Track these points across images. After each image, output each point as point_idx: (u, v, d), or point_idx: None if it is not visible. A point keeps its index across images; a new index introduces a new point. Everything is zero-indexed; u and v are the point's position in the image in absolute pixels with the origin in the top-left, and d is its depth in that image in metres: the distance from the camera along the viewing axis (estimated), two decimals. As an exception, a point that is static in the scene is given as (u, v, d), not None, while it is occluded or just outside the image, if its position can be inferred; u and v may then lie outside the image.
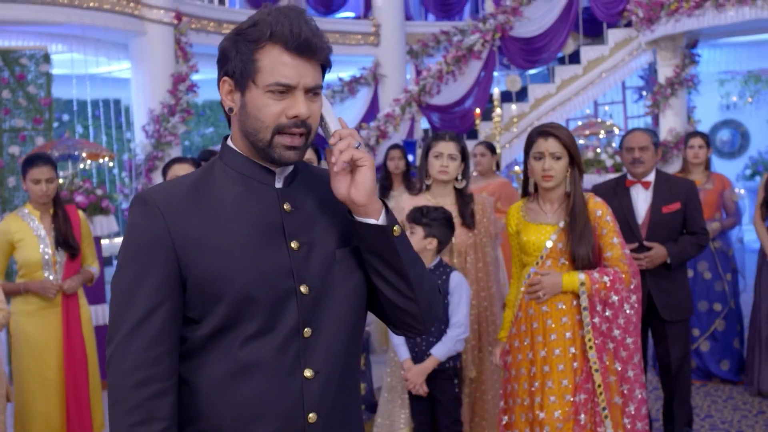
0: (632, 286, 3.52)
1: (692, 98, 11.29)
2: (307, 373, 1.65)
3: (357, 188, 1.64)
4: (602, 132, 10.67)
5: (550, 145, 3.43)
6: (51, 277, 4.62)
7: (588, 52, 11.62)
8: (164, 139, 8.85)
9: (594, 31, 11.99)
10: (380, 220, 1.67)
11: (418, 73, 11.97)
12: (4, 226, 4.60)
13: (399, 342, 3.84)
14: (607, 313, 3.42)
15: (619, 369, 3.45)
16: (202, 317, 1.64)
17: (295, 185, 1.74)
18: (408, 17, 12.61)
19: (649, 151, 4.59)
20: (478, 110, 9.94)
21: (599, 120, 11.34)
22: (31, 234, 4.57)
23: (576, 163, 3.46)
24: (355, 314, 1.75)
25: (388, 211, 1.69)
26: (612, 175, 10.49)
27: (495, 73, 11.48)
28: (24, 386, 4.56)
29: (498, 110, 9.26)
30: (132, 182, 9.04)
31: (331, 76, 11.81)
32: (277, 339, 1.63)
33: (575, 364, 3.39)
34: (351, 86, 11.59)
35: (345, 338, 1.72)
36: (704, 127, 10.90)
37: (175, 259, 1.62)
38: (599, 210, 3.52)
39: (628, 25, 11.33)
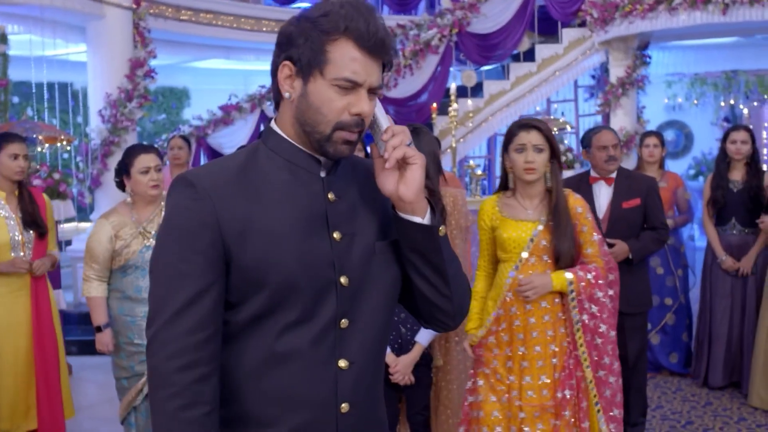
0: (610, 280, 3.59)
1: (640, 98, 11.55)
2: (342, 363, 1.66)
3: (407, 186, 1.62)
4: (555, 129, 10.86)
5: (532, 137, 3.40)
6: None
7: (542, 50, 11.79)
8: (121, 124, 8.74)
9: (549, 30, 12.17)
10: (426, 219, 1.67)
11: (375, 65, 12.01)
12: None
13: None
14: (593, 310, 3.44)
15: (608, 362, 3.50)
16: (241, 302, 1.63)
17: (338, 174, 1.72)
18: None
19: (618, 148, 4.76)
20: (434, 104, 10.04)
21: (552, 117, 11.52)
22: None
23: (556, 157, 3.46)
24: (389, 307, 1.76)
25: (433, 210, 1.69)
26: (565, 172, 10.70)
27: (451, 68, 11.58)
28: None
29: (454, 105, 9.37)
30: (87, 167, 8.92)
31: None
32: (314, 329, 1.64)
33: (554, 360, 3.42)
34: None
35: (378, 330, 1.74)
36: (651, 126, 11.15)
37: (221, 244, 1.60)
38: (579, 206, 3.52)
39: (582, 24, 11.53)
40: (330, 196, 1.68)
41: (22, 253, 4.59)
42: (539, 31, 12.17)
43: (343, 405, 1.67)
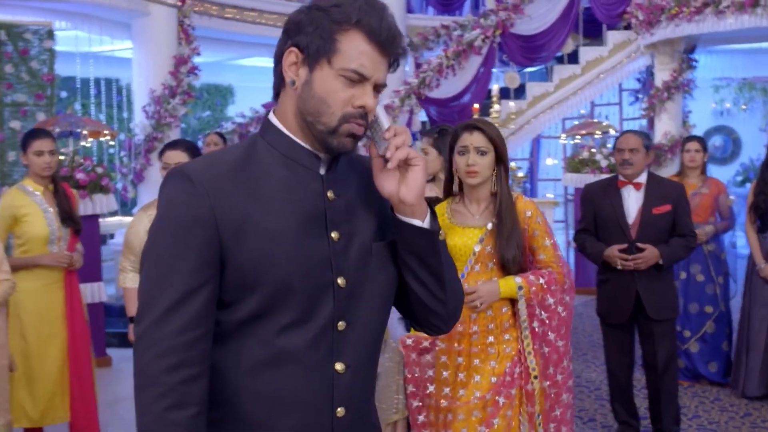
0: (566, 287, 3.37)
1: (687, 103, 11.39)
2: (339, 366, 1.62)
3: (408, 188, 1.59)
4: (598, 132, 10.75)
5: (475, 138, 3.21)
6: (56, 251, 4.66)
7: (587, 53, 11.69)
8: (164, 120, 8.85)
9: (593, 32, 12.05)
10: (426, 223, 1.63)
11: (418, 66, 12.01)
12: (9, 201, 4.58)
13: (394, 322, 3.81)
14: (543, 316, 3.27)
15: (552, 373, 3.32)
16: (236, 302, 1.58)
17: (337, 171, 1.68)
18: (409, 10, 12.64)
19: (639, 153, 4.71)
20: (476, 105, 9.99)
21: (595, 120, 11.41)
22: (37, 209, 4.58)
23: (502, 160, 3.26)
24: (385, 309, 1.73)
25: (433, 214, 1.66)
26: (606, 176, 10.60)
27: (494, 70, 11.53)
28: (27, 362, 4.57)
29: (496, 106, 9.32)
30: (131, 162, 9.04)
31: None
32: (310, 331, 1.59)
33: (493, 363, 3.25)
34: (349, 75, 11.62)
35: (374, 333, 1.71)
36: (698, 132, 10.99)
37: (217, 241, 1.54)
38: (528, 210, 3.33)
39: (628, 27, 11.41)
40: (329, 194, 1.63)
41: (57, 248, 4.66)
42: (584, 33, 12.06)
43: (339, 409, 1.63)
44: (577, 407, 5.84)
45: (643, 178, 4.77)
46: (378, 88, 1.61)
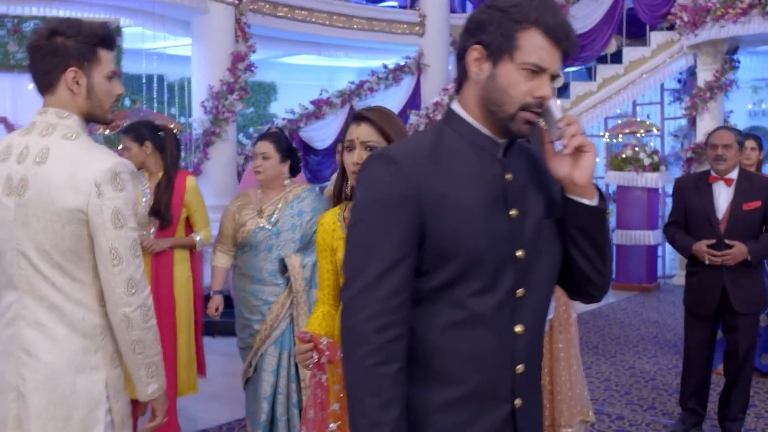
0: None
1: (725, 103, 11.50)
2: (518, 328, 1.81)
3: (581, 171, 1.78)
4: (641, 131, 10.91)
5: (362, 131, 2.65)
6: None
7: (630, 53, 11.84)
8: (222, 115, 9.12)
9: (636, 33, 12.20)
10: (594, 201, 1.81)
11: (461, 64, 12.19)
12: None
13: None
14: None
15: None
16: (432, 271, 1.76)
17: (511, 156, 1.85)
18: (452, 9, 12.84)
19: (732, 149, 4.80)
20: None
21: (638, 119, 11.56)
22: (138, 194, 4.81)
23: None
24: (553, 279, 1.92)
25: (600, 193, 1.84)
26: (650, 174, 10.75)
27: (538, 69, 11.69)
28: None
29: (542, 105, 9.49)
30: (189, 156, 9.30)
31: (376, 63, 12.11)
32: (495, 297, 1.77)
33: None
34: (395, 74, 11.83)
35: (546, 299, 1.90)
36: (737, 132, 11.11)
37: (419, 217, 1.73)
38: None
39: (671, 28, 11.54)
40: (507, 176, 1.81)
41: (144, 232, 4.86)
42: (627, 33, 12.21)
43: (518, 366, 1.82)
44: (635, 396, 6.04)
45: (734, 174, 4.86)
46: (553, 79, 1.82)
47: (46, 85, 2.51)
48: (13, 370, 2.48)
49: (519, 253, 1.80)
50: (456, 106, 1.88)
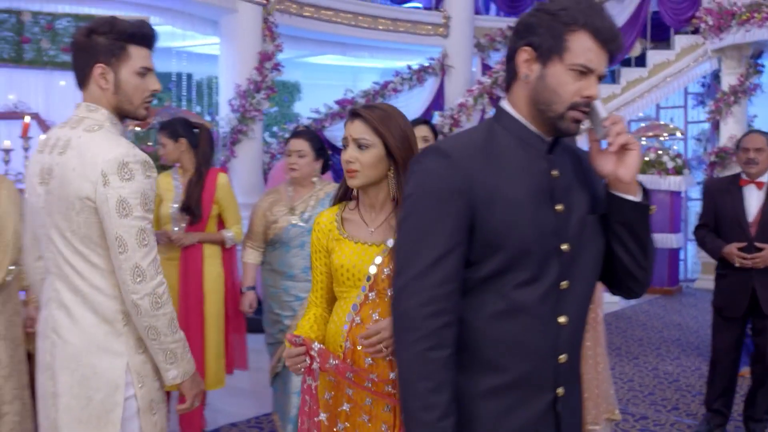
0: None
1: (749, 107, 11.49)
2: (562, 319, 1.88)
3: (626, 168, 1.85)
4: (665, 134, 10.92)
5: (355, 128, 2.55)
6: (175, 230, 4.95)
7: (654, 56, 11.85)
8: (249, 114, 9.22)
9: (661, 36, 12.21)
10: (638, 198, 1.89)
11: (485, 66, 12.26)
12: (157, 182, 4.92)
13: None
14: None
15: None
16: (481, 261, 1.83)
17: (557, 154, 1.93)
18: (476, 11, 12.89)
19: (764, 152, 4.84)
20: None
21: (662, 123, 11.57)
22: (172, 190, 4.92)
23: (394, 156, 2.53)
24: (596, 272, 1.98)
25: (645, 190, 1.91)
26: (673, 178, 10.77)
27: (562, 71, 11.73)
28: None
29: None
30: (216, 153, 9.39)
31: (399, 64, 12.18)
32: (540, 288, 1.84)
33: (387, 409, 2.51)
34: (419, 75, 11.89)
35: (588, 292, 1.96)
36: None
37: (470, 209, 1.80)
38: None
39: (695, 31, 11.55)
40: (554, 172, 1.89)
41: (176, 228, 4.95)
42: (652, 37, 12.22)
43: (561, 356, 1.89)
44: (659, 396, 6.08)
45: (766, 177, 4.89)
46: (599, 79, 1.88)
47: (80, 80, 2.65)
48: (48, 350, 2.61)
49: (564, 247, 1.87)
50: (506, 105, 1.95)
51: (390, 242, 2.52)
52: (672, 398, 6.06)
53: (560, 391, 1.91)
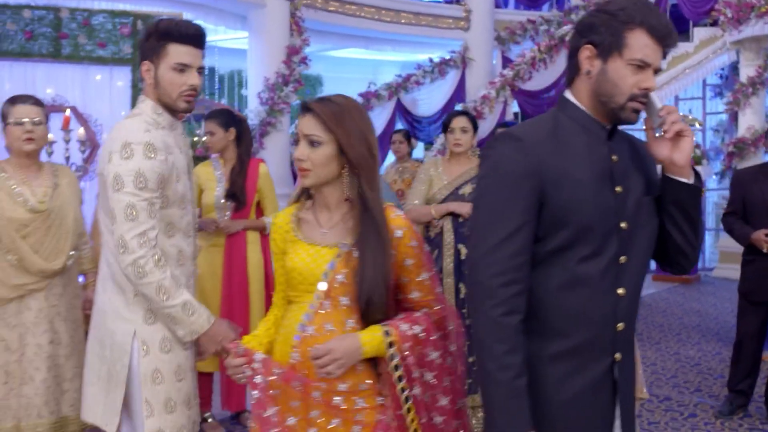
0: (451, 332, 2.47)
1: (767, 99, 11.62)
2: (620, 291, 2.06)
3: (681, 153, 2.04)
4: (684, 126, 11.04)
5: (305, 124, 2.35)
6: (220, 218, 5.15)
7: (673, 48, 11.96)
8: (277, 107, 9.45)
9: (680, 28, 12.31)
10: (691, 180, 2.07)
11: (505, 59, 12.43)
12: (195, 172, 5.11)
13: None
14: (427, 378, 2.37)
15: None
16: (548, 236, 2.02)
17: (615, 141, 2.12)
18: (496, 5, 13.05)
19: None
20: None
21: (681, 114, 11.70)
22: (214, 180, 5.13)
23: (347, 154, 2.33)
24: (651, 249, 2.17)
25: (697, 174, 2.09)
26: (697, 168, 10.90)
27: (582, 63, 11.89)
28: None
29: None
30: (247, 145, 9.62)
31: (420, 57, 12.36)
32: (601, 262, 2.03)
33: (336, 422, 2.33)
34: (440, 68, 12.07)
35: (643, 267, 2.15)
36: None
37: (539, 189, 1.99)
38: (400, 229, 2.38)
39: (714, 24, 11.68)
40: (613, 157, 2.09)
41: (224, 216, 5.15)
42: (670, 29, 12.32)
43: (619, 324, 2.08)
44: (681, 379, 6.29)
45: None
46: (655, 72, 2.09)
47: (139, 76, 3.10)
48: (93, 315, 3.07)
49: (623, 225, 2.07)
50: (569, 96, 2.16)
51: (343, 245, 2.36)
52: (694, 381, 6.25)
53: (618, 356, 2.11)
